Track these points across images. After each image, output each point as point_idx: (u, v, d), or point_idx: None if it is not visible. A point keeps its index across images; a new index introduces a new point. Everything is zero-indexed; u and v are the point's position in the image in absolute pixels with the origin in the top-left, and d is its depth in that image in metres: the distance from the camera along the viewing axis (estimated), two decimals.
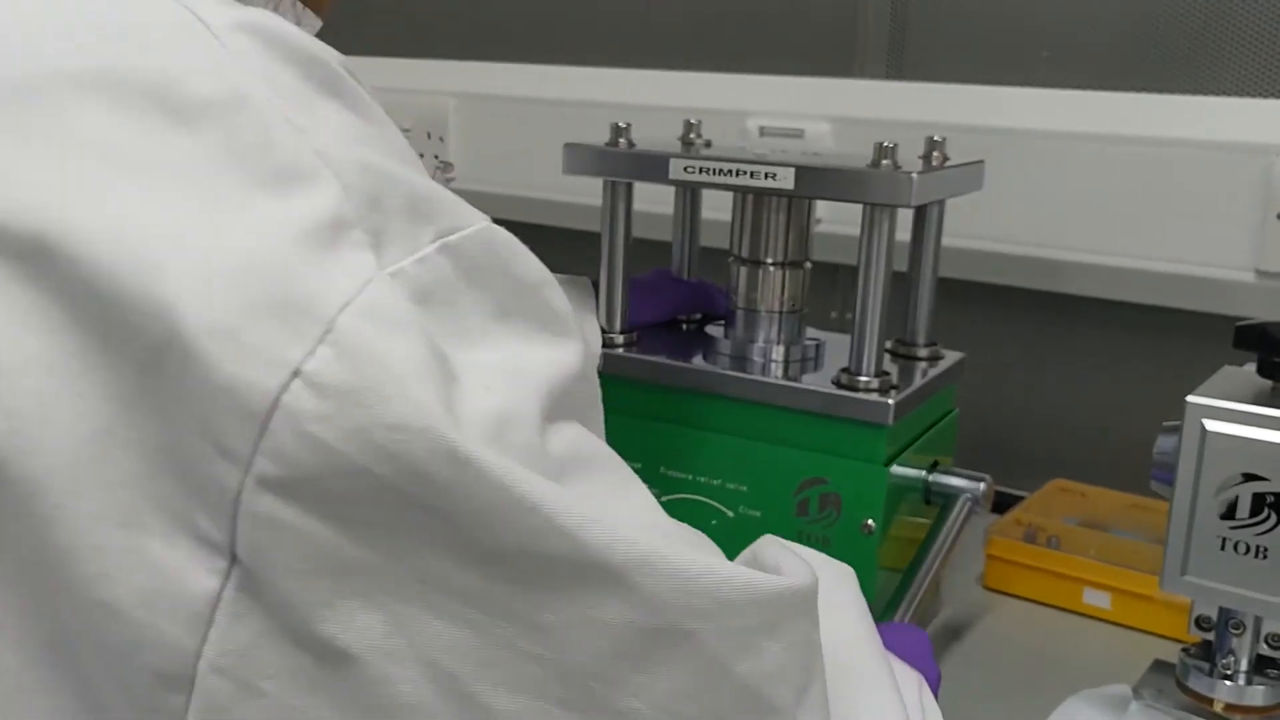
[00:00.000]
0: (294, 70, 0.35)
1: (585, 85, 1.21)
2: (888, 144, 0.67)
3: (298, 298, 0.30)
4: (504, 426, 0.33)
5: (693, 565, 0.34)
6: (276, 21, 0.35)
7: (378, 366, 0.30)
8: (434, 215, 0.34)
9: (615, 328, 0.78)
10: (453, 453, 0.30)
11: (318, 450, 0.30)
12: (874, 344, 0.69)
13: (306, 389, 0.30)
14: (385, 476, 0.30)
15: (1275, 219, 0.88)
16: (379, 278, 0.32)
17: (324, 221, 0.32)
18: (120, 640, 0.31)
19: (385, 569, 0.31)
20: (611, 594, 0.33)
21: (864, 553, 0.69)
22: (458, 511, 0.31)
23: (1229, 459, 0.58)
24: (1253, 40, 0.91)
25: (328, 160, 0.33)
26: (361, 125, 0.35)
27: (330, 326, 0.30)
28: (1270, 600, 0.58)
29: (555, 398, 0.35)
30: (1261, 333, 0.60)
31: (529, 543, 0.32)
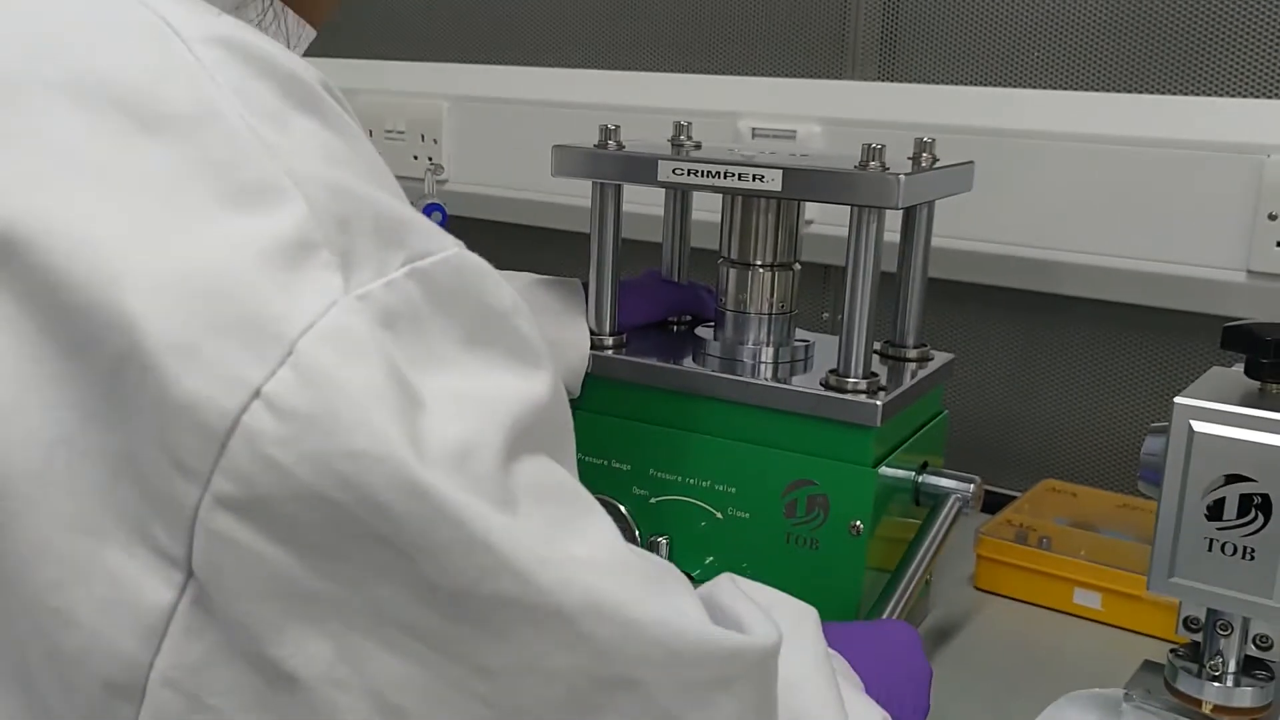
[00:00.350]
0: (268, 85, 0.34)
1: (578, 87, 1.21)
2: (875, 145, 0.67)
3: (260, 318, 0.30)
4: (466, 457, 0.32)
5: (646, 614, 0.34)
6: (253, 36, 0.35)
7: (338, 392, 0.30)
8: (405, 239, 0.34)
9: (604, 329, 0.78)
10: (411, 483, 0.30)
11: (276, 473, 0.30)
12: (862, 345, 0.69)
13: (266, 410, 0.30)
14: (342, 504, 0.30)
15: (1266, 219, 0.88)
16: (345, 300, 0.31)
17: (290, 241, 0.31)
18: (72, 648, 0.31)
19: (338, 598, 0.31)
20: (561, 640, 0.33)
21: (852, 554, 0.69)
22: (413, 545, 0.31)
23: (1216, 460, 0.58)
24: (1242, 40, 0.91)
25: (297, 179, 0.32)
26: (337, 144, 0.35)
27: (292, 349, 0.30)
28: (1257, 601, 0.58)
29: (521, 429, 0.34)
30: (1248, 334, 0.60)
31: (481, 581, 0.31)
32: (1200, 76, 0.93)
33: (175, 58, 0.34)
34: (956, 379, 1.04)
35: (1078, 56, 0.98)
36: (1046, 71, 0.99)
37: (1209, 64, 0.93)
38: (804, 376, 0.74)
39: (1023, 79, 1.00)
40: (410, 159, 1.29)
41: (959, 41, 1.03)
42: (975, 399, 1.06)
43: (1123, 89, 0.96)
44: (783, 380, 0.73)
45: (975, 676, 0.76)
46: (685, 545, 0.73)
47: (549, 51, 1.26)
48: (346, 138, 0.36)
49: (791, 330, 0.78)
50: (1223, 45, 0.92)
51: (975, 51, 1.02)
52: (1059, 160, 0.96)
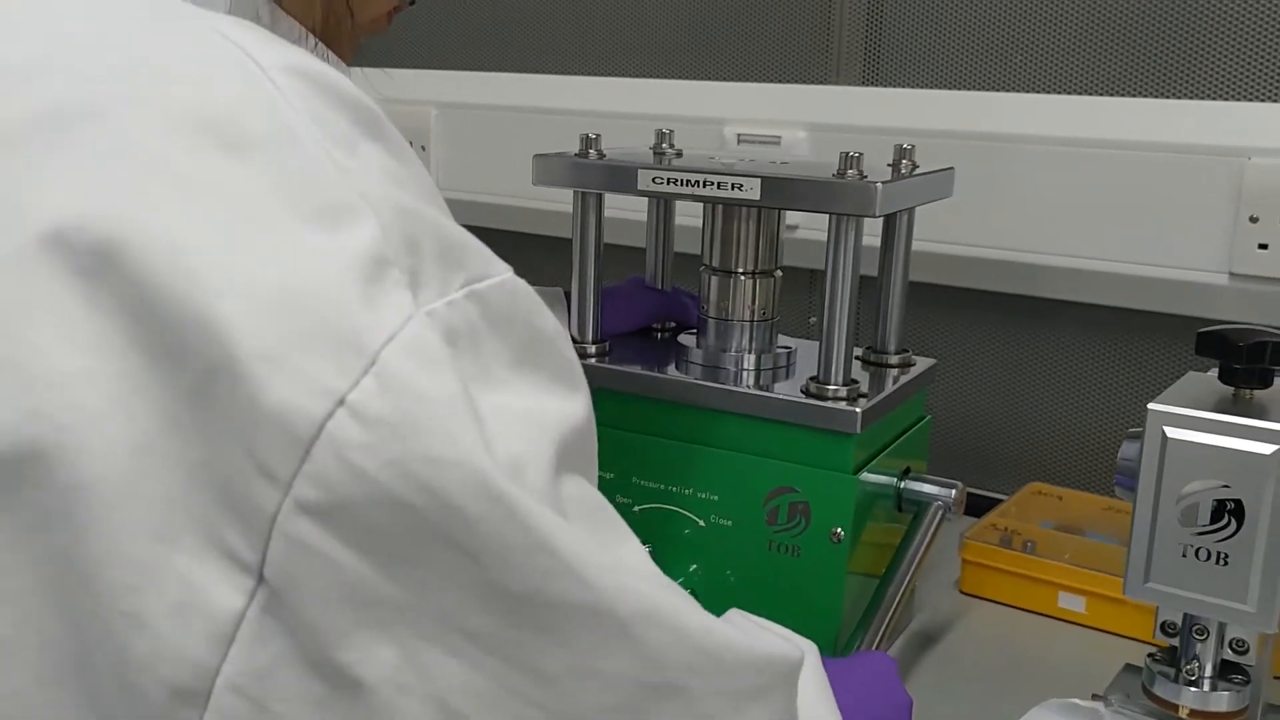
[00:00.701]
0: (340, 112, 0.36)
1: (565, 94, 1.21)
2: (853, 153, 0.67)
3: (344, 329, 0.31)
4: (522, 470, 0.34)
5: (694, 622, 0.36)
6: (322, 66, 0.37)
7: (418, 401, 0.32)
8: (464, 261, 0.35)
9: (587, 337, 0.78)
10: (486, 486, 0.32)
11: (357, 478, 0.31)
12: (842, 352, 0.70)
13: (350, 418, 0.31)
14: (420, 507, 0.31)
15: (1248, 221, 0.88)
16: (418, 316, 0.33)
17: (367, 258, 0.33)
18: (141, 653, 0.31)
19: (407, 603, 0.32)
20: (616, 645, 0.34)
21: (833, 561, 0.69)
22: (484, 549, 0.32)
23: (1189, 466, 0.58)
24: (1223, 44, 0.92)
25: (369, 200, 0.34)
26: (398, 168, 0.37)
27: (375, 359, 0.31)
28: (1232, 606, 0.59)
29: (565, 448, 0.36)
30: (1221, 339, 0.60)
31: (545, 585, 0.33)
32: (1181, 80, 0.94)
33: (255, 85, 0.35)
34: (942, 384, 1.05)
35: (1061, 60, 0.98)
36: (1031, 75, 1.00)
37: (1190, 67, 0.93)
38: (786, 383, 0.74)
39: (1007, 83, 1.01)
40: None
41: (943, 46, 1.03)
42: (961, 403, 1.06)
43: (1105, 93, 0.97)
44: (764, 387, 0.73)
45: (960, 681, 0.76)
46: (669, 553, 0.74)
47: (537, 58, 1.27)
48: (405, 162, 0.37)
49: (773, 337, 0.79)
50: (1204, 49, 0.92)
51: (960, 56, 1.02)
52: (1043, 164, 0.96)
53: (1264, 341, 0.59)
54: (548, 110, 1.20)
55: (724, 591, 0.72)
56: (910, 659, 0.78)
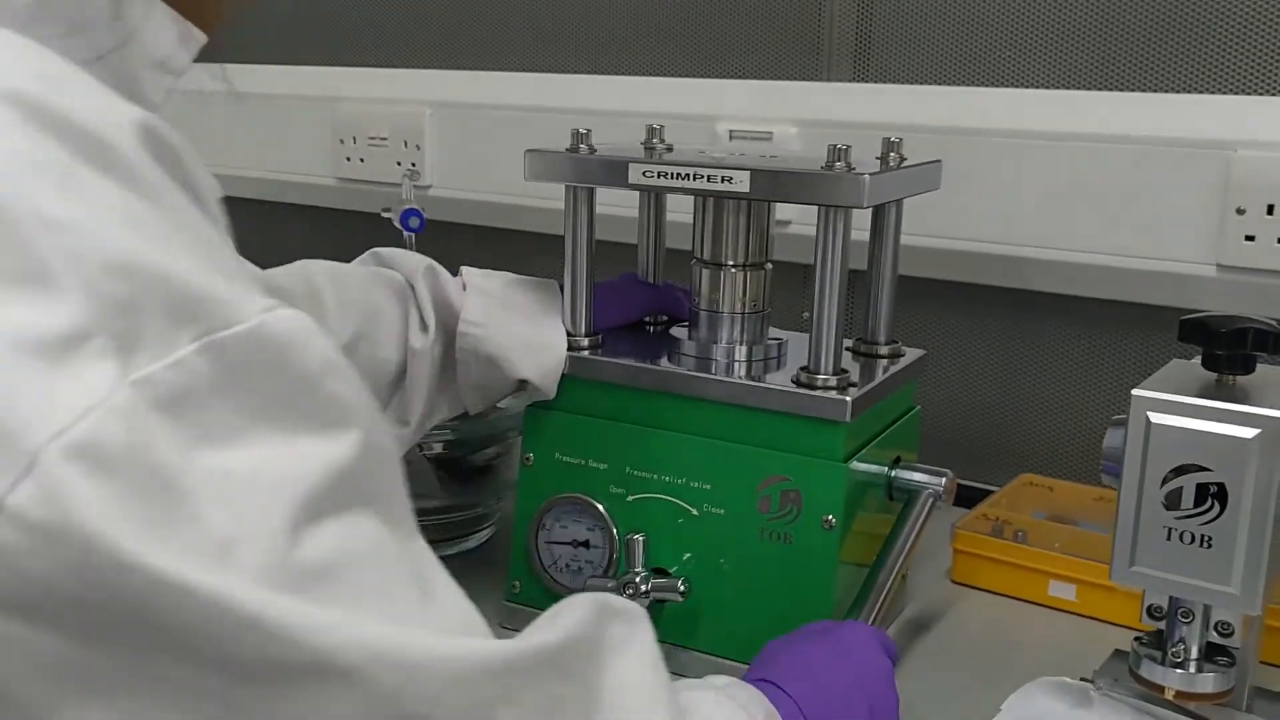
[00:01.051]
0: (59, 145, 0.33)
1: (558, 92, 1.22)
2: (840, 146, 0.68)
3: (5, 424, 0.30)
4: (232, 548, 0.33)
5: (421, 651, 0.35)
6: (54, 88, 0.34)
7: (81, 505, 0.30)
8: (200, 313, 0.34)
9: (580, 330, 0.79)
10: (169, 584, 0.31)
11: (29, 581, 0.30)
12: (831, 342, 0.70)
13: (9, 524, 0.30)
14: (103, 603, 0.31)
15: (1235, 213, 0.89)
16: (121, 388, 0.31)
17: (54, 334, 0.31)
18: None
19: (120, 671, 0.32)
20: (342, 693, 0.34)
21: (825, 548, 0.70)
22: (185, 634, 0.32)
23: (1173, 450, 0.59)
24: (1208, 38, 0.93)
25: (72, 261, 0.32)
26: (139, 207, 0.34)
27: (35, 460, 0.30)
28: (1216, 589, 0.60)
29: (320, 495, 0.35)
30: (1203, 326, 0.61)
31: (259, 653, 0.33)
32: (1168, 73, 0.95)
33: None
34: (933, 376, 1.05)
35: (1049, 56, 0.99)
36: (1019, 71, 1.01)
37: (1177, 61, 0.94)
38: (778, 374, 0.75)
39: (996, 78, 1.02)
40: (393, 165, 1.30)
41: (932, 42, 1.04)
42: (953, 395, 1.07)
43: (1093, 87, 0.97)
44: (757, 378, 0.74)
45: (951, 669, 0.77)
46: (662, 542, 0.74)
47: (530, 57, 1.27)
48: (152, 200, 0.35)
49: (765, 329, 0.79)
50: (1189, 43, 0.93)
51: (949, 52, 1.03)
52: (1031, 158, 0.97)
53: (1245, 327, 0.60)
54: (540, 108, 1.21)
55: (717, 580, 0.73)
56: (902, 647, 0.79)
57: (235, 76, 1.25)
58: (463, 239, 1.31)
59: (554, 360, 0.77)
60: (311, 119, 1.39)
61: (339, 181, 1.38)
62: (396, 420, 0.78)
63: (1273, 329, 0.60)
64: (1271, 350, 0.60)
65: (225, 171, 1.50)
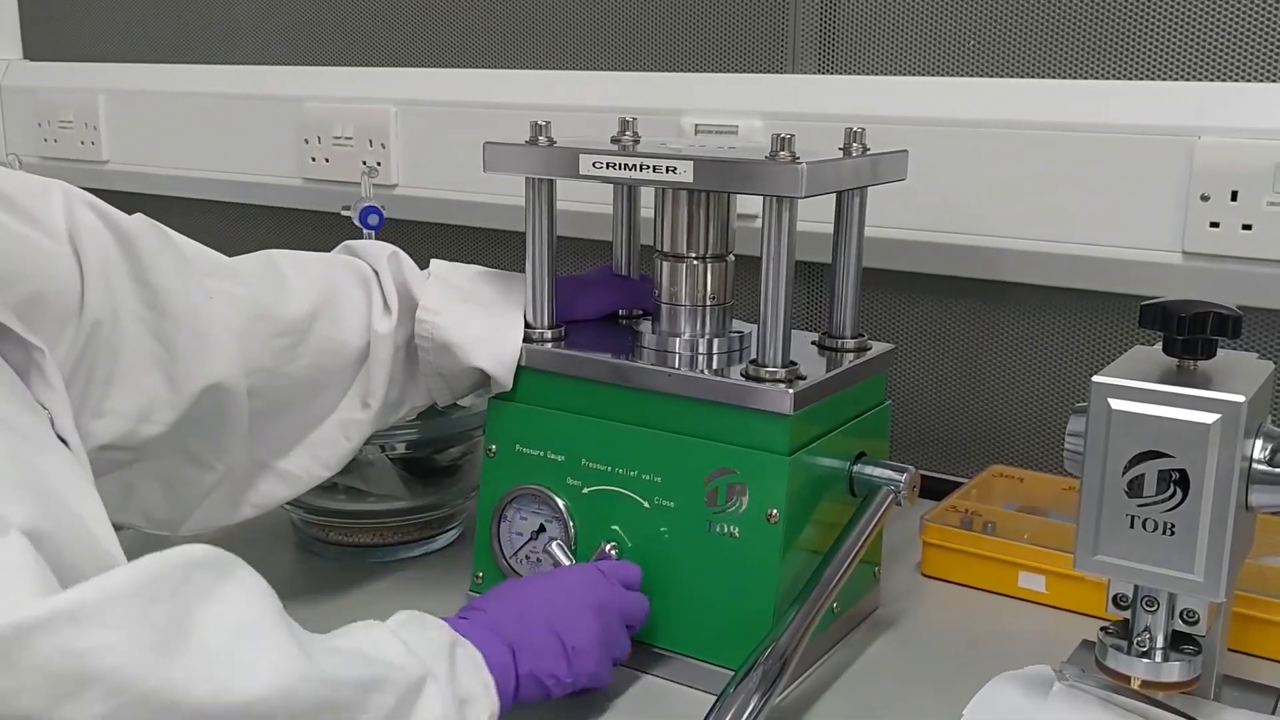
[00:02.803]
0: None
1: (524, 88, 1.21)
2: (785, 135, 0.67)
3: None
4: None
5: None
6: None
7: None
8: None
9: (541, 323, 0.78)
10: None
11: None
12: (779, 334, 0.70)
13: None
14: None
15: (1199, 200, 0.89)
16: None
17: None
18: None
19: None
20: None
21: (769, 541, 0.69)
22: None
23: (1134, 437, 0.59)
24: (1170, 24, 0.92)
25: None
26: None
27: None
28: (1179, 576, 0.59)
29: None
30: (1163, 311, 0.60)
31: None
32: (1131, 61, 0.94)
33: None
34: (902, 367, 1.05)
35: (1013, 44, 0.99)
36: (983, 60, 1.00)
37: (1139, 48, 0.94)
38: (735, 367, 0.74)
39: (960, 68, 1.01)
40: (359, 164, 1.29)
41: (897, 33, 1.03)
42: (922, 387, 1.06)
43: (1056, 75, 0.97)
44: (718, 371, 0.73)
45: (922, 662, 0.76)
46: (615, 535, 0.74)
47: (495, 54, 1.26)
48: None
49: (727, 321, 0.78)
50: (1152, 29, 0.93)
51: (914, 42, 1.03)
52: (997, 147, 0.96)
53: (1204, 312, 0.59)
54: (506, 105, 1.20)
55: (666, 571, 0.72)
56: (871, 641, 0.79)
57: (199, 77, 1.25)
58: (430, 237, 1.30)
59: (509, 351, 0.76)
60: (276, 119, 1.37)
61: (304, 181, 1.37)
62: (360, 403, 0.77)
63: (1232, 313, 0.60)
64: (1231, 334, 0.60)
65: (190, 173, 1.48)
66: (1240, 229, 0.87)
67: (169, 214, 1.75)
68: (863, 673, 0.75)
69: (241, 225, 1.50)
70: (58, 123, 1.57)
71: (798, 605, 0.67)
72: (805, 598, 0.67)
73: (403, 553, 0.90)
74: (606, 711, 0.70)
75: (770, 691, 0.63)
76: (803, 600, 0.67)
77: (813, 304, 1.10)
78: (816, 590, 0.68)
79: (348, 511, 0.90)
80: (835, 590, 0.69)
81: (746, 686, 0.63)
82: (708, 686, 0.70)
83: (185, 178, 1.49)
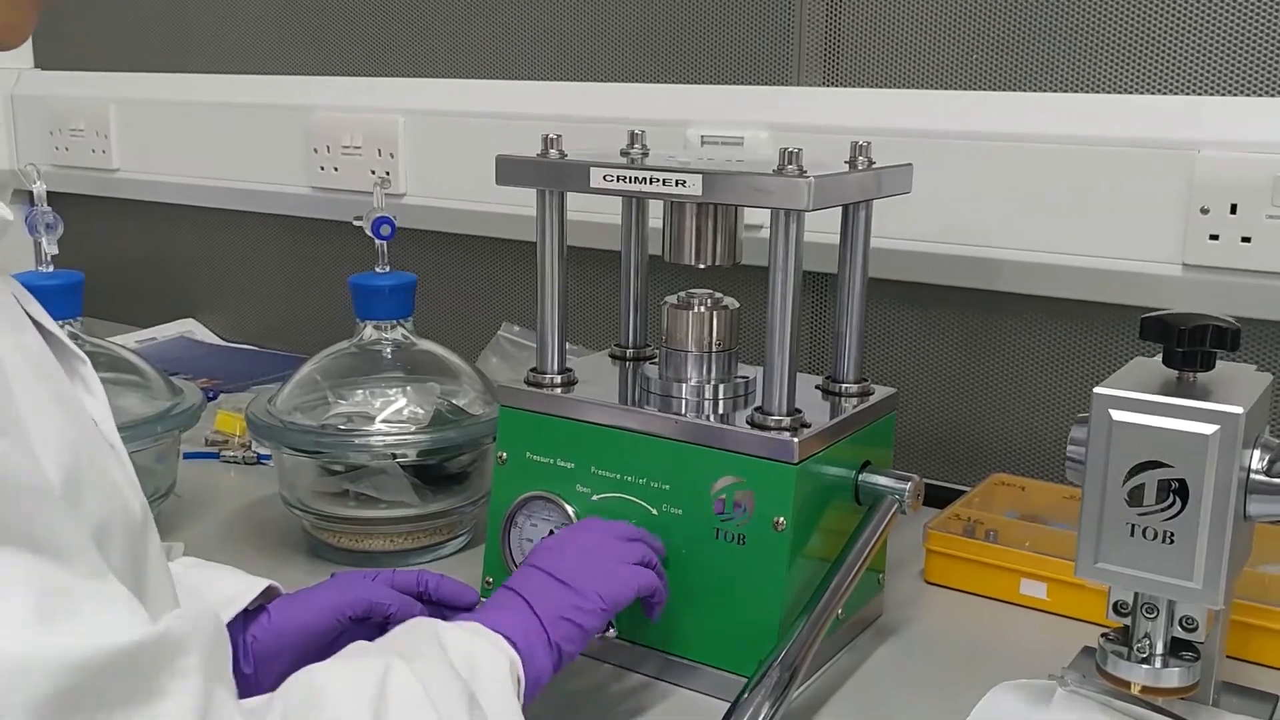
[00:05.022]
0: None
1: (531, 99, 1.22)
2: (793, 149, 0.68)
3: None
4: None
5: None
6: None
7: None
8: None
9: (549, 366, 0.80)
10: None
11: None
12: (785, 378, 0.71)
13: None
14: None
15: (1199, 213, 0.90)
16: None
17: None
18: None
19: None
20: None
21: (776, 549, 0.70)
22: None
23: (1134, 447, 0.60)
24: (1170, 39, 0.94)
25: None
26: None
27: None
28: (1178, 584, 0.60)
29: None
30: (1163, 324, 0.61)
31: None
32: (1131, 75, 0.96)
33: None
34: (905, 378, 1.06)
35: (1016, 58, 1.00)
36: (987, 73, 1.01)
37: (1139, 63, 0.95)
38: (742, 412, 0.76)
39: (965, 81, 1.02)
40: (367, 173, 1.30)
41: (902, 46, 1.05)
42: (924, 397, 1.07)
43: (1057, 89, 0.98)
44: (724, 417, 0.76)
45: (925, 668, 0.77)
46: None
47: (502, 65, 1.28)
48: None
49: (733, 366, 0.80)
50: (1152, 44, 0.94)
51: (918, 55, 1.04)
52: (999, 160, 0.98)
53: (1204, 325, 0.60)
54: (513, 115, 1.21)
55: (674, 578, 0.73)
56: (876, 647, 0.80)
57: (209, 87, 1.26)
58: (436, 246, 1.31)
59: None
60: (285, 128, 1.39)
61: (313, 190, 1.38)
62: None
63: (1231, 326, 0.61)
64: (1230, 347, 0.61)
65: (199, 181, 1.50)
66: (1240, 241, 0.88)
67: (178, 222, 1.76)
68: (868, 678, 0.76)
69: (249, 233, 1.51)
70: (69, 131, 1.58)
71: (806, 613, 0.68)
72: (814, 606, 0.69)
73: (413, 559, 0.91)
74: (616, 715, 0.71)
75: (781, 699, 0.64)
76: (811, 608, 0.68)
77: (816, 317, 1.11)
78: (825, 599, 0.69)
79: (358, 518, 0.91)
80: (843, 598, 0.70)
81: (758, 694, 0.64)
82: (715, 691, 0.71)
83: (195, 186, 1.50)
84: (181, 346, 1.53)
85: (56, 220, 0.91)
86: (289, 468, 0.94)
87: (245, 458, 1.13)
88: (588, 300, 1.18)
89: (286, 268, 1.50)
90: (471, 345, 1.20)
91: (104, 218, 1.60)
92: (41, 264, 0.91)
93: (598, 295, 1.19)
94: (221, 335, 1.58)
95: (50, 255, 0.91)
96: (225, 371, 1.40)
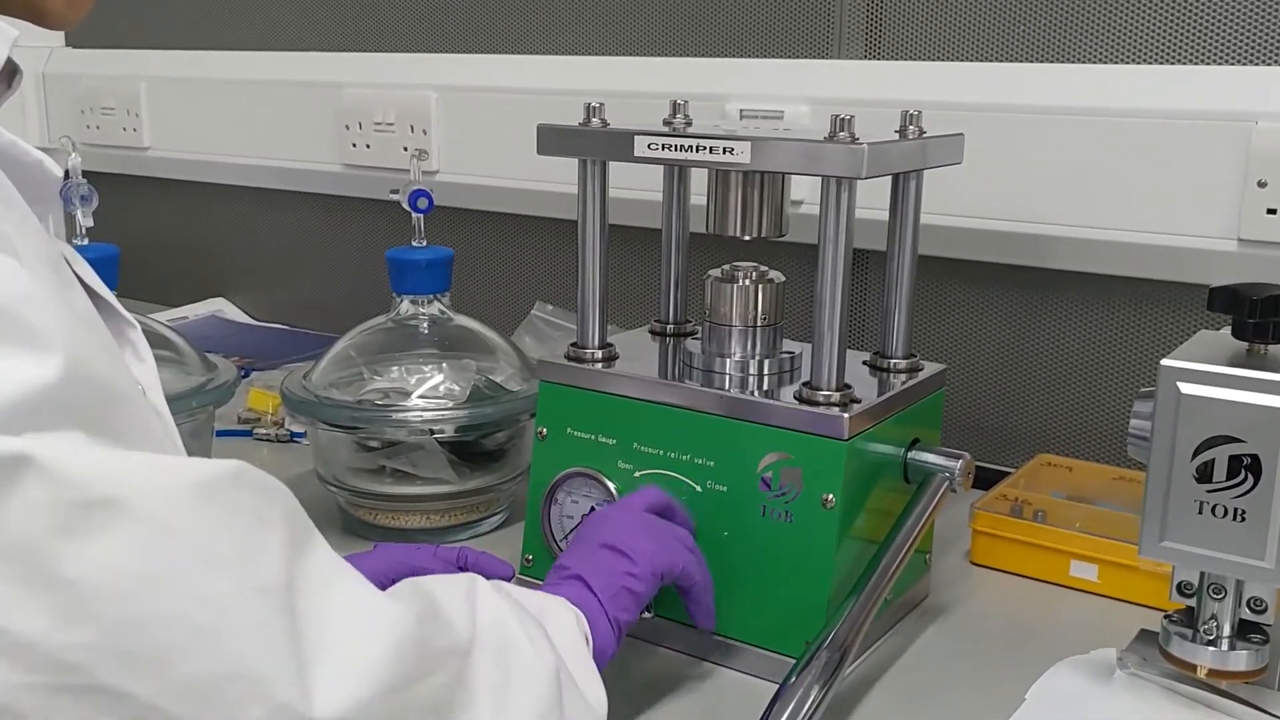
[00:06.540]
0: None
1: (565, 74, 1.20)
2: (844, 116, 0.67)
3: None
4: None
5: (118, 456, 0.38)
6: None
7: None
8: None
9: (589, 341, 0.78)
10: None
11: None
12: (835, 351, 0.70)
13: None
14: None
15: (1255, 186, 0.87)
16: None
17: None
18: None
19: None
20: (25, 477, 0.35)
21: (824, 527, 0.69)
22: None
23: (1204, 422, 0.58)
24: (1228, 7, 0.91)
25: None
26: None
27: None
28: (1249, 563, 0.58)
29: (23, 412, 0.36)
30: (1234, 294, 0.59)
31: None
32: (1186, 45, 0.93)
33: None
34: (952, 355, 1.04)
35: (1065, 29, 0.97)
36: (1034, 44, 0.99)
37: (1195, 33, 0.93)
38: (788, 387, 0.74)
39: (1010, 53, 1.00)
40: (400, 151, 1.29)
41: (945, 17, 1.02)
42: (971, 375, 1.05)
43: (1111, 60, 0.96)
44: (769, 393, 0.74)
45: (973, 650, 0.75)
46: None
47: (535, 40, 1.26)
48: None
49: (778, 341, 0.78)
50: (1210, 14, 0.92)
51: (962, 26, 1.02)
52: (1048, 133, 0.95)
53: (1276, 295, 0.58)
54: (546, 91, 1.19)
55: (719, 556, 0.71)
56: (922, 629, 0.78)
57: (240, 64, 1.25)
58: (470, 224, 1.30)
59: None
60: (316, 105, 1.37)
61: (345, 168, 1.37)
62: None
63: None
64: None
65: (231, 159, 1.49)
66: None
67: (210, 200, 1.76)
68: (915, 660, 0.74)
69: (281, 211, 1.50)
70: (100, 109, 1.58)
71: (855, 594, 0.67)
72: (863, 586, 0.67)
73: (450, 536, 0.90)
74: (662, 695, 0.69)
75: (831, 681, 0.62)
76: (860, 588, 0.67)
77: (858, 293, 1.09)
78: (875, 579, 0.67)
79: (395, 495, 0.90)
80: (894, 578, 0.69)
81: (807, 676, 0.62)
82: (761, 672, 0.70)
83: (226, 164, 1.49)
84: (212, 325, 1.52)
85: (91, 192, 0.90)
86: (324, 444, 0.93)
87: (278, 435, 1.12)
88: (621, 279, 1.16)
89: (317, 246, 1.49)
90: (505, 324, 1.18)
91: (134, 196, 1.60)
92: (77, 237, 0.90)
93: (630, 274, 1.17)
94: (252, 314, 1.57)
95: (85, 228, 0.90)
96: (256, 350, 1.39)
